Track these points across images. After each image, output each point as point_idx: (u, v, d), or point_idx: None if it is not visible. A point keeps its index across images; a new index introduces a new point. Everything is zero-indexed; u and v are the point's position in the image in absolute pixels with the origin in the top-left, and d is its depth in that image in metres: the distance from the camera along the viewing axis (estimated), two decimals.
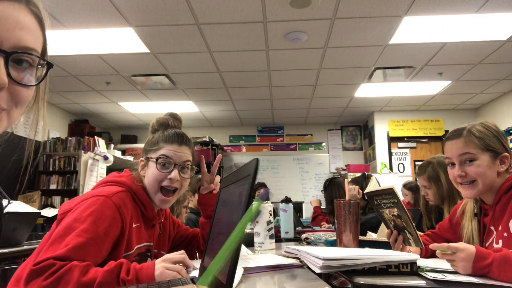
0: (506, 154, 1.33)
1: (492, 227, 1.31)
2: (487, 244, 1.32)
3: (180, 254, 1.04)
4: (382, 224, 1.59)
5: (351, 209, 1.43)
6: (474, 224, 1.40)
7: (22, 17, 0.54)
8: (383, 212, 1.42)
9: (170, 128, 1.31)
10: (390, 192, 1.36)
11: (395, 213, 1.37)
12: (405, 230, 1.37)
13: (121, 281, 0.92)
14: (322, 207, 3.61)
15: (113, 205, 1.08)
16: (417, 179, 2.55)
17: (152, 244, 1.28)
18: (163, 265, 0.98)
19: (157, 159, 1.23)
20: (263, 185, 6.12)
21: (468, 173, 1.33)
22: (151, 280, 0.95)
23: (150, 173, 1.24)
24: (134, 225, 1.16)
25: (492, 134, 1.35)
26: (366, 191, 1.44)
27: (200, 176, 1.51)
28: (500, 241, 1.24)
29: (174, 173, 1.23)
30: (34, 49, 0.57)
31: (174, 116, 1.35)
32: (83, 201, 1.08)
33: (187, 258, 1.04)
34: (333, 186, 3.31)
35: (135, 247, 1.17)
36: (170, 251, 1.36)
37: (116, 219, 1.08)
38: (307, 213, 6.63)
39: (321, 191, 3.60)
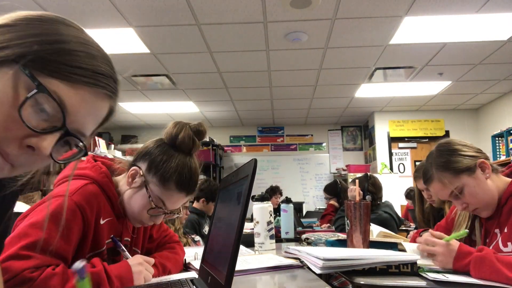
0: (477, 161, 1.29)
1: (497, 230, 1.27)
2: (490, 247, 1.27)
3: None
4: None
5: (361, 209, 1.43)
6: (473, 225, 1.38)
7: (103, 110, 0.57)
8: None
9: (189, 161, 1.12)
10: None
11: None
12: None
13: None
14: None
15: (73, 205, 0.98)
16: (416, 184, 2.53)
17: (129, 239, 1.19)
18: (141, 270, 1.02)
19: (156, 205, 1.09)
20: (276, 190, 5.25)
21: (468, 203, 1.30)
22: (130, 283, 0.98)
23: (138, 204, 1.10)
24: (103, 221, 1.07)
25: (450, 155, 1.30)
26: None
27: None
28: (510, 243, 1.20)
29: (160, 220, 1.15)
30: (87, 136, 0.57)
31: (200, 134, 1.14)
32: (41, 205, 1.00)
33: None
34: (343, 192, 3.41)
35: (106, 242, 1.09)
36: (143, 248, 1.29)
37: (77, 218, 0.99)
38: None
39: (325, 197, 3.65)
